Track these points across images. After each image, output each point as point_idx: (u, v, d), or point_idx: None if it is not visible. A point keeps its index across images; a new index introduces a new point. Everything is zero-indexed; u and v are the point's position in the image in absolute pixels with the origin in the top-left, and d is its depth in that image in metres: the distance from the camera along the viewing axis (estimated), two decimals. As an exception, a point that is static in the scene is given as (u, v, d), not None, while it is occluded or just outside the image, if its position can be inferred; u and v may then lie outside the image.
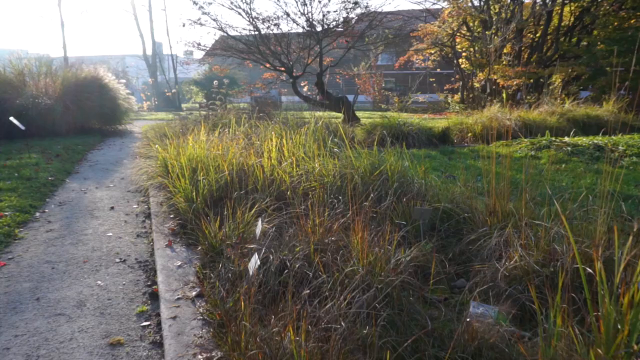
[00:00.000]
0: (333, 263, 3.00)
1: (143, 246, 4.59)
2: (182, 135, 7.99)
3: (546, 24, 21.13)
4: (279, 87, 17.53)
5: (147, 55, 29.92)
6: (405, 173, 4.81)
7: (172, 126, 11.02)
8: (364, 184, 4.56)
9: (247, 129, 7.74)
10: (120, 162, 9.33)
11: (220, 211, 4.32)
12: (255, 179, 4.89)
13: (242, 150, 5.75)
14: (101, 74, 14.30)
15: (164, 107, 27.85)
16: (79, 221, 5.42)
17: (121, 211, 5.82)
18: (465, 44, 23.37)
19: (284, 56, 14.02)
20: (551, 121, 12.68)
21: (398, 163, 4.74)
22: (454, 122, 13.19)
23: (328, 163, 4.88)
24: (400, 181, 4.66)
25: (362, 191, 4.46)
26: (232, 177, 4.75)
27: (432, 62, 24.85)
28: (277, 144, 5.62)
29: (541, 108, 13.60)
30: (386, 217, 3.92)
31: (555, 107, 13.46)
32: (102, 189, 7.03)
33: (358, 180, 4.56)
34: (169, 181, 5.13)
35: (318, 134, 6.23)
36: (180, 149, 5.91)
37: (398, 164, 4.75)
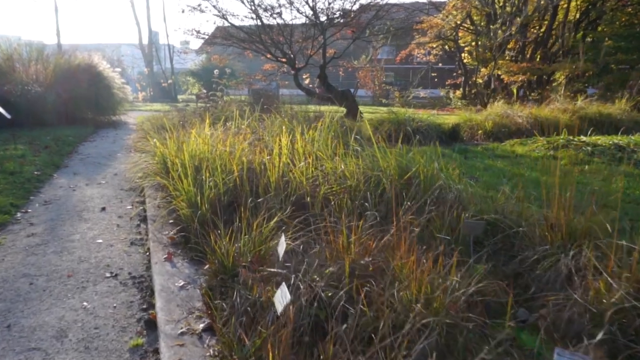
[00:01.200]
0: (377, 294, 2.38)
1: (138, 257, 3.94)
2: (182, 128, 7.34)
3: (551, 19, 20.50)
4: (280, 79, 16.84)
5: (143, 45, 29.07)
6: (437, 176, 4.18)
7: (170, 118, 10.33)
8: (394, 189, 3.93)
9: (252, 122, 7.10)
10: (113, 155, 8.65)
11: (229, 219, 3.68)
12: (266, 180, 4.25)
13: (250, 147, 5.11)
14: (95, 61, 13.55)
15: (159, 98, 27.04)
16: (66, 224, 4.76)
17: (113, 213, 5.16)
18: (468, 38, 22.75)
19: (287, 46, 13.33)
20: (563, 119, 12.11)
21: (431, 165, 4.11)
22: (463, 118, 12.58)
23: (350, 163, 4.25)
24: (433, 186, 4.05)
25: (392, 197, 3.84)
26: (241, 178, 4.10)
27: (434, 57, 24.21)
28: (288, 140, 4.98)
29: (552, 105, 13.02)
30: (426, 231, 3.31)
31: (566, 105, 12.87)
32: (93, 186, 6.36)
33: (387, 185, 3.93)
34: (168, 182, 4.47)
35: (333, 129, 5.59)
36: (181, 144, 5.26)
37: (431, 167, 4.12)
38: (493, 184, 5.67)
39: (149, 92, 28.28)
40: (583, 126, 11.74)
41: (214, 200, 3.85)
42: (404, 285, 2.38)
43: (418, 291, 2.33)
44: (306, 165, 4.38)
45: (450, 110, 21.28)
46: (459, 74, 24.09)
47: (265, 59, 16.36)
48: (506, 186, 5.67)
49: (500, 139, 11.30)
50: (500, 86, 20.79)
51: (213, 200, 3.86)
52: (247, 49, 14.38)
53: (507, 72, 19.94)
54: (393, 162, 4.25)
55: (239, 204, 3.84)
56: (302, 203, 3.94)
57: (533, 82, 20.99)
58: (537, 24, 21.79)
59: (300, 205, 3.91)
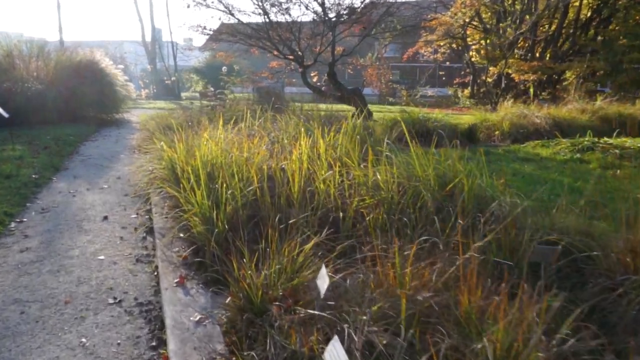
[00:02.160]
0: (450, 348, 1.88)
1: (145, 277, 3.45)
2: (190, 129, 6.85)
3: (562, 17, 19.96)
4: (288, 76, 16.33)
5: (146, 42, 28.52)
6: (481, 188, 3.69)
7: (176, 117, 9.83)
8: (435, 201, 3.44)
9: (264, 123, 6.61)
10: (116, 157, 8.15)
11: (251, 237, 3.19)
12: (288, 191, 3.75)
13: (267, 151, 4.62)
14: (98, 58, 13.04)
15: (162, 96, 26.51)
16: (64, 236, 4.27)
17: (116, 223, 4.67)
18: (476, 36, 22.19)
19: (295, 43, 12.81)
20: (582, 119, 11.62)
21: (475, 181, 3.61)
22: (478, 118, 12.06)
23: (382, 171, 3.75)
24: (477, 197, 3.56)
25: (434, 212, 3.34)
26: (262, 189, 3.60)
27: (441, 55, 23.65)
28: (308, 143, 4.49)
29: (569, 105, 12.50)
30: (484, 253, 2.81)
31: (585, 105, 12.36)
32: (95, 191, 5.87)
33: (427, 198, 3.43)
34: (180, 194, 3.95)
35: (358, 131, 5.09)
36: (191, 148, 4.76)
37: (475, 180, 3.61)
38: (526, 191, 5.18)
39: (152, 89, 27.73)
40: (603, 127, 11.28)
41: (232, 215, 3.35)
42: (483, 334, 1.88)
43: (501, 342, 1.84)
44: (332, 173, 3.89)
45: (458, 109, 20.77)
46: (467, 73, 23.54)
47: (271, 57, 15.85)
48: (542, 194, 5.20)
49: (518, 140, 10.81)
50: (510, 85, 20.25)
51: (231, 216, 3.36)
52: (254, 46, 13.86)
53: (517, 70, 19.41)
54: (431, 170, 3.75)
55: (261, 218, 3.35)
56: (331, 218, 3.45)
57: (543, 82, 20.46)
58: (547, 22, 21.26)
59: (329, 221, 3.42)
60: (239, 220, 3.32)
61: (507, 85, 20.13)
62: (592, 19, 20.39)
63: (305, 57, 13.55)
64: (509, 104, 20.20)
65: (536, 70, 19.10)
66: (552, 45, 20.50)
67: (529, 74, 19.03)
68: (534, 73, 19.14)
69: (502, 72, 19.61)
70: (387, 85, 24.04)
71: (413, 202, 3.48)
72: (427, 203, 3.41)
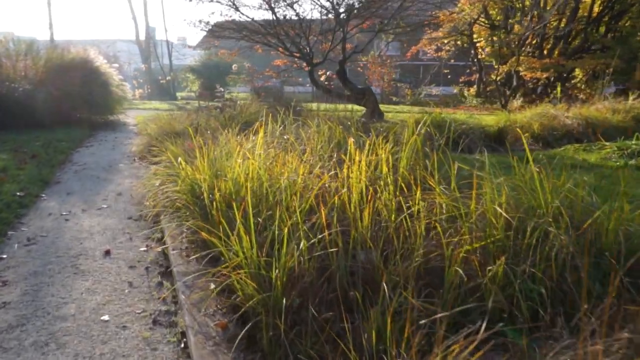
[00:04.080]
0: None
1: (169, 354, 2.44)
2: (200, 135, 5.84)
3: (573, 12, 19.05)
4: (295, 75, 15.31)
5: (140, 40, 27.35)
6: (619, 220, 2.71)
7: (179, 120, 8.78)
8: (574, 246, 2.46)
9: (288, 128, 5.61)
10: (114, 166, 7.10)
11: (324, 300, 2.19)
12: (353, 227, 2.75)
13: (320, 170, 3.61)
14: (91, 56, 11.95)
15: (157, 96, 25.37)
16: (55, 282, 3.24)
17: (122, 260, 3.64)
18: (483, 33, 21.26)
19: (304, 39, 11.80)
20: (614, 120, 10.72)
21: (617, 214, 2.63)
22: (502, 119, 11.11)
23: (488, 199, 2.76)
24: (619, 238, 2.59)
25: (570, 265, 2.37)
26: (334, 232, 2.57)
27: (446, 53, 22.72)
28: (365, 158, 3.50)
29: (599, 105, 11.59)
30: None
31: (616, 104, 11.45)
32: (92, 212, 4.82)
33: (564, 240, 2.44)
34: (216, 239, 2.88)
35: (421, 139, 4.10)
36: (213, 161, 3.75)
37: (617, 214, 2.63)
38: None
39: (146, 89, 26.58)
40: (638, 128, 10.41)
41: (297, 272, 2.34)
42: None
43: None
44: (412, 202, 2.90)
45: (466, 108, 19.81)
46: (473, 71, 22.63)
47: (275, 55, 14.86)
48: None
49: (550, 143, 9.91)
50: (519, 83, 19.33)
51: (294, 271, 2.35)
52: (258, 43, 12.84)
53: (528, 68, 18.49)
54: (551, 198, 2.78)
55: (332, 274, 2.35)
56: (433, 271, 2.45)
57: (554, 80, 19.57)
58: (556, 19, 20.36)
59: (431, 275, 2.43)
60: (303, 276, 2.31)
61: (519, 84, 19.23)
62: (603, 15, 19.52)
63: (312, 55, 12.55)
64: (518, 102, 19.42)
65: (548, 68, 18.19)
66: (562, 42, 19.61)
67: (541, 71, 18.13)
68: (546, 71, 18.24)
69: (513, 70, 18.68)
70: (390, 84, 23.06)
71: (538, 246, 2.49)
72: (562, 246, 2.43)
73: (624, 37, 18.43)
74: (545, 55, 19.39)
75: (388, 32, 13.73)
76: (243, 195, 3.25)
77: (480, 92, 21.76)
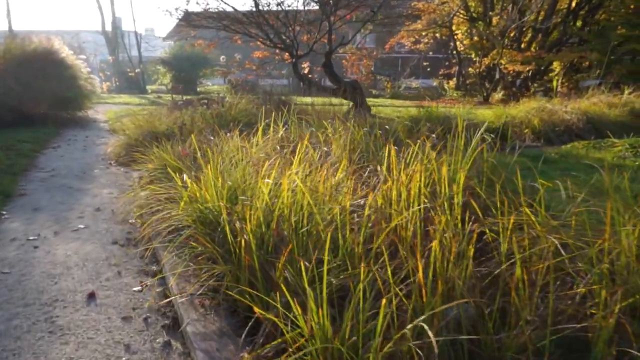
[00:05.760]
0: None
1: None
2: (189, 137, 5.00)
3: (552, 5, 18.65)
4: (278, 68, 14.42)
5: (107, 31, 25.85)
6: None
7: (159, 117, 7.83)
8: None
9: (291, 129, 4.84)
10: (89, 172, 6.14)
11: None
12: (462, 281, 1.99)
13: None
14: (56, 46, 10.80)
15: (126, 89, 24.00)
16: (22, 349, 2.36)
17: (111, 306, 2.78)
18: (463, 26, 20.71)
19: (290, 30, 10.93)
20: (612, 115, 10.28)
21: None
22: (497, 113, 10.53)
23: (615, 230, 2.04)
24: None
25: None
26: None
27: (424, 45, 22.12)
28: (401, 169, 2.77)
29: (594, 98, 11.13)
30: None
31: (612, 98, 11.02)
32: (66, 235, 3.92)
33: None
34: (246, 287, 2.08)
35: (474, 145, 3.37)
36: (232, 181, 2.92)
37: None
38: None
39: (114, 82, 25.15)
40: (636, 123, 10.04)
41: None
42: None
43: None
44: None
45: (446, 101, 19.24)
46: (452, 64, 22.10)
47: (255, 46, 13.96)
48: None
49: (551, 140, 9.40)
50: (500, 76, 18.89)
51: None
52: (239, 33, 11.89)
53: (510, 61, 18.04)
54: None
55: None
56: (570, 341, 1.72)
57: (532, 73, 19.21)
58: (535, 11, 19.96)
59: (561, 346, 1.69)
60: None
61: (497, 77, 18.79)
62: (581, 7, 19.21)
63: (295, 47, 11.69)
64: (499, 96, 18.98)
65: (530, 61, 17.78)
66: (541, 34, 19.23)
67: (522, 64, 17.70)
68: (528, 64, 17.82)
69: (495, 63, 18.20)
70: (369, 77, 22.34)
71: None
72: None
73: (601, 30, 18.13)
74: (523, 48, 19.01)
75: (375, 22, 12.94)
76: (275, 226, 2.44)
77: (460, 85, 21.26)
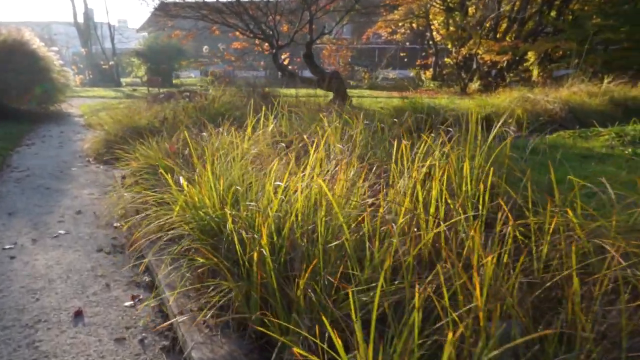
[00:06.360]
0: None
1: None
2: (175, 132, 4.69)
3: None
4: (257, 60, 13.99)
5: (79, 22, 24.91)
6: None
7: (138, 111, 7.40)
8: None
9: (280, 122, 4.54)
10: (66, 171, 5.72)
11: None
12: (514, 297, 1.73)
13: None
14: (27, 37, 10.21)
15: (100, 82, 23.16)
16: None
17: (101, 326, 2.45)
18: (439, 16, 20.51)
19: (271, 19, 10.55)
20: (592, 104, 10.24)
21: None
22: (479, 103, 10.38)
23: None
24: None
25: None
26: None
27: (401, 35, 21.89)
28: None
29: (574, 88, 11.06)
30: None
31: (592, 87, 10.98)
32: (46, 242, 3.55)
33: None
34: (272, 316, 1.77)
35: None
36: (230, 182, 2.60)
37: None
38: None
39: (87, 75, 24.29)
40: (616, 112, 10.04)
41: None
42: None
43: None
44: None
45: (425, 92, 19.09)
46: (429, 54, 21.93)
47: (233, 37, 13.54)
48: None
49: (536, 129, 9.26)
50: (477, 66, 18.79)
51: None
52: (217, 23, 11.46)
53: (487, 51, 17.94)
54: None
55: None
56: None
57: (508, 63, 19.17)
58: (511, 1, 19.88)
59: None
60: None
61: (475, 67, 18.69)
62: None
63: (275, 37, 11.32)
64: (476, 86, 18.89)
65: (506, 51, 17.71)
66: (516, 24, 19.16)
67: (500, 54, 17.62)
68: (505, 53, 17.76)
69: (472, 53, 18.07)
70: (346, 68, 22.01)
71: None
72: None
73: (576, 20, 18.16)
74: (499, 38, 18.93)
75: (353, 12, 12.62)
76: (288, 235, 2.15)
77: (437, 75, 21.12)
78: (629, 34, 16.95)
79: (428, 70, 21.80)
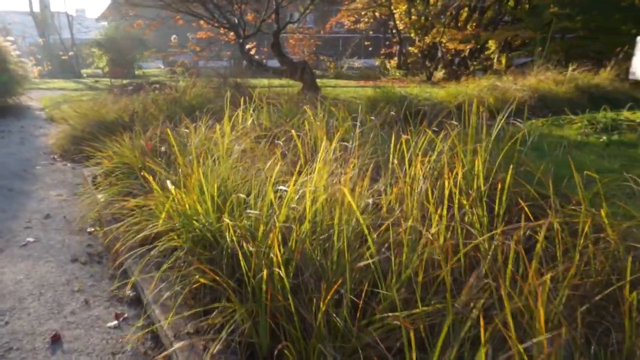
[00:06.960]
0: None
1: None
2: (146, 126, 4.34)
3: (486, -16, 18.63)
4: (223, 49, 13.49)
5: (35, 12, 23.63)
6: None
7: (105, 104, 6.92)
8: None
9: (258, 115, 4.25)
10: (30, 170, 5.25)
11: None
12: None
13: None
14: (-21, 27, 9.47)
15: (59, 73, 22.02)
16: None
17: (83, 353, 2.12)
18: (402, 5, 20.33)
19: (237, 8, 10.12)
20: (560, 91, 10.29)
21: None
22: (451, 92, 10.27)
23: None
24: None
25: None
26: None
27: (365, 24, 21.64)
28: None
29: (540, 76, 11.08)
30: None
31: (557, 75, 11.03)
32: (14, 252, 3.16)
33: None
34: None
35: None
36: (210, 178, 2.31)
37: None
38: None
39: (45, 66, 23.03)
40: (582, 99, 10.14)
41: None
42: None
43: None
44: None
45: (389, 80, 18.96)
46: (393, 43, 21.76)
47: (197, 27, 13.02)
48: None
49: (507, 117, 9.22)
50: (441, 55, 18.76)
51: None
52: (181, 12, 10.94)
53: (451, 39, 17.92)
54: None
55: None
56: None
57: (470, 52, 19.24)
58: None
59: None
60: None
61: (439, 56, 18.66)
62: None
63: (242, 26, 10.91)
64: (441, 74, 18.87)
65: (469, 39, 17.74)
66: (476, 13, 19.20)
67: (462, 43, 17.64)
68: (467, 42, 17.79)
69: (437, 42, 18.02)
70: (311, 57, 21.61)
71: None
72: None
73: (534, 8, 18.30)
74: (461, 27, 18.95)
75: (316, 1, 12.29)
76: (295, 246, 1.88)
77: (401, 64, 21.00)
78: (583, 23, 17.21)
79: (393, 59, 21.63)
